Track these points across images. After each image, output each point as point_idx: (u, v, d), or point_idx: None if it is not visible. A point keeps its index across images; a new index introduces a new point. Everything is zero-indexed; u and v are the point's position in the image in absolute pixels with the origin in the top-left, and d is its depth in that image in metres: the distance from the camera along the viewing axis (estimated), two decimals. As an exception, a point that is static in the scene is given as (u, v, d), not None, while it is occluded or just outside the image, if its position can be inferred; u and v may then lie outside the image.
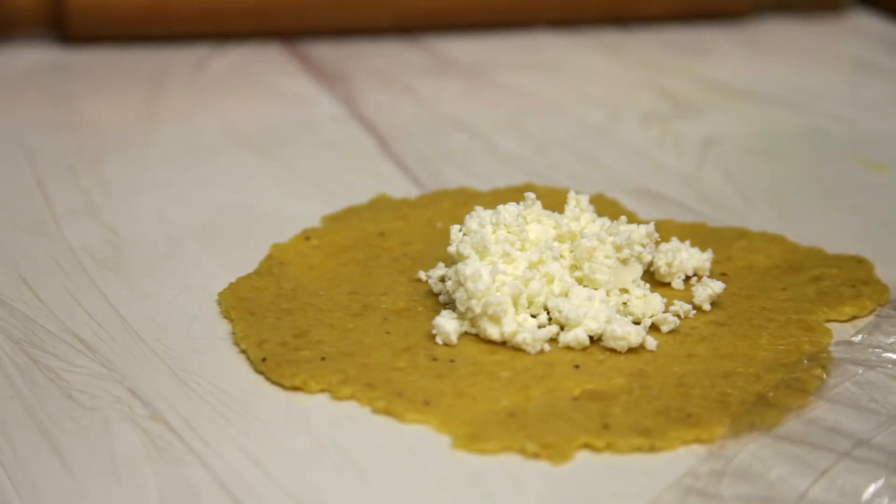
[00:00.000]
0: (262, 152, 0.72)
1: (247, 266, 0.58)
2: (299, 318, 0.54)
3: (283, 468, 0.46)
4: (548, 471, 0.46)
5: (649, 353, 0.52)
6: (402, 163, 0.71)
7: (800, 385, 0.50)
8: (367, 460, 0.46)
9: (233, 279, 0.57)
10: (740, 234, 0.62)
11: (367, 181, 0.68)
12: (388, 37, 0.89)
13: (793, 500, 0.45)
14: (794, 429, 0.48)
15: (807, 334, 0.53)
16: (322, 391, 0.50)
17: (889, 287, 0.57)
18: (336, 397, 0.50)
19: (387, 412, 0.49)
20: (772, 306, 0.55)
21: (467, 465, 0.46)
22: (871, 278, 0.58)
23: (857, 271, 0.58)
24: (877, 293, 0.57)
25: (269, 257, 0.59)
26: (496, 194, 0.65)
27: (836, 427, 0.48)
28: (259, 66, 0.85)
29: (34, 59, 0.84)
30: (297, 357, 0.51)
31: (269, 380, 0.51)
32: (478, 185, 0.67)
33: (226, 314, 0.55)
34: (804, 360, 0.51)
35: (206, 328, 0.54)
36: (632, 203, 0.65)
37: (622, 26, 0.92)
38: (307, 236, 0.61)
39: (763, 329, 0.54)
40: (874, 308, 0.56)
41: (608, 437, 0.47)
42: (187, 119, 0.77)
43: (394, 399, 0.49)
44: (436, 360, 0.51)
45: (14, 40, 0.86)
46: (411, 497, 0.45)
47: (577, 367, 0.51)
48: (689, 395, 0.49)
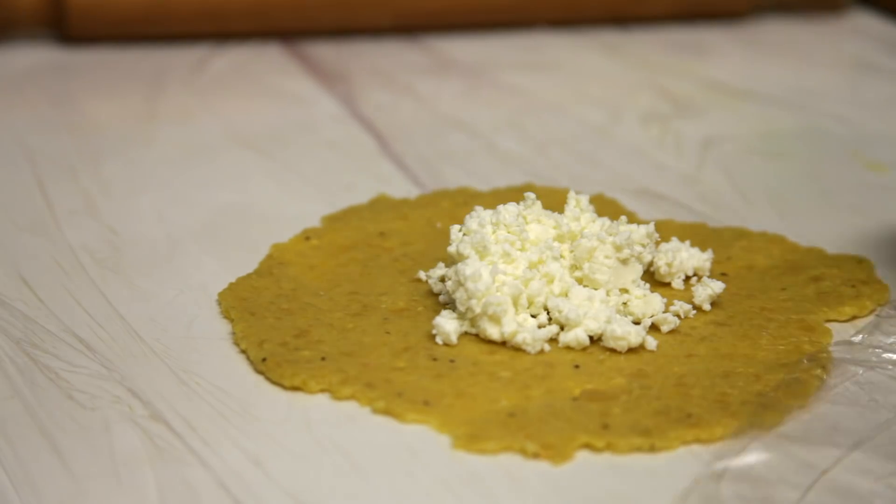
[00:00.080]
0: (262, 152, 0.72)
1: (247, 266, 0.58)
2: (299, 318, 0.54)
3: (283, 468, 0.46)
4: (548, 471, 0.46)
5: (649, 353, 0.52)
6: (402, 163, 0.71)
7: (800, 385, 0.50)
8: (367, 460, 0.46)
9: (233, 279, 0.57)
10: (740, 234, 0.62)
11: (367, 181, 0.68)
12: (388, 37, 0.89)
13: (793, 501, 0.45)
14: (794, 429, 0.48)
15: (807, 334, 0.53)
16: (322, 391, 0.50)
17: (889, 287, 0.57)
18: (336, 397, 0.50)
19: (387, 412, 0.49)
20: (772, 306, 0.55)
21: (467, 465, 0.46)
22: (871, 278, 0.58)
23: (857, 271, 0.58)
24: (877, 293, 0.56)
25: (269, 257, 0.59)
26: (496, 194, 0.65)
27: (836, 427, 0.48)
28: (259, 66, 0.85)
29: (34, 59, 0.84)
30: (297, 357, 0.51)
31: (269, 380, 0.51)
32: (478, 185, 0.67)
33: (226, 314, 0.55)
34: (804, 359, 0.51)
35: (206, 328, 0.54)
36: (632, 203, 0.65)
37: (622, 26, 0.91)
38: (307, 236, 0.61)
39: (763, 329, 0.54)
40: (874, 308, 0.56)
41: (608, 437, 0.47)
42: (187, 119, 0.77)
43: (394, 399, 0.49)
44: (436, 360, 0.51)
45: (14, 40, 0.85)
46: (411, 497, 0.45)
47: (577, 367, 0.51)
48: (689, 395, 0.49)
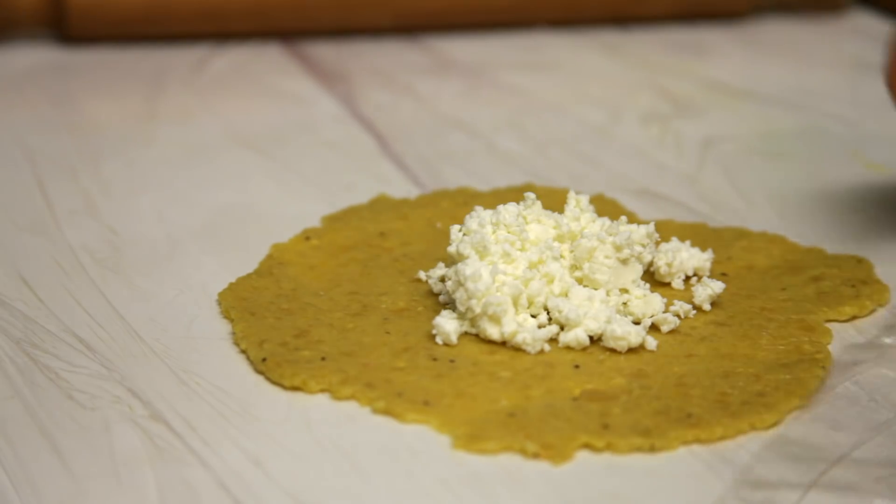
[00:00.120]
0: (262, 152, 0.72)
1: (247, 266, 0.58)
2: (299, 318, 0.54)
3: (283, 468, 0.46)
4: (548, 471, 0.46)
5: (649, 353, 0.52)
6: (402, 163, 0.71)
7: (800, 385, 0.50)
8: (367, 460, 0.46)
9: (233, 279, 0.57)
10: (740, 234, 0.62)
11: (367, 181, 0.68)
12: (388, 37, 0.89)
13: (793, 501, 0.45)
14: (794, 429, 0.48)
15: (807, 334, 0.53)
16: (322, 391, 0.50)
17: (889, 287, 0.57)
18: (336, 397, 0.50)
19: (387, 412, 0.49)
20: (772, 306, 0.55)
21: (467, 465, 0.46)
22: (871, 278, 0.58)
23: (857, 271, 0.58)
24: (877, 293, 0.56)
25: (269, 257, 0.59)
26: (496, 194, 0.65)
27: (836, 427, 0.48)
28: (259, 66, 0.85)
29: (34, 59, 0.84)
30: (297, 357, 0.51)
31: (269, 380, 0.51)
32: (478, 185, 0.67)
33: (226, 314, 0.55)
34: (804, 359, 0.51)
35: (206, 328, 0.54)
36: (632, 203, 0.65)
37: (622, 26, 0.91)
38: (307, 236, 0.61)
39: (763, 329, 0.54)
40: (874, 308, 0.56)
41: (608, 437, 0.47)
42: (187, 119, 0.77)
43: (394, 399, 0.49)
44: (436, 360, 0.51)
45: (14, 40, 0.86)
46: (411, 497, 0.45)
47: (577, 367, 0.51)
48: (689, 395, 0.49)
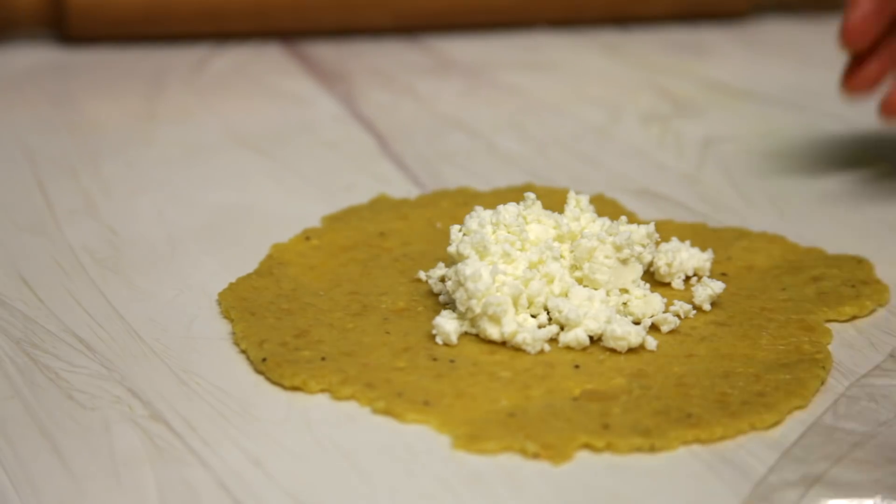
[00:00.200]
0: (262, 152, 0.72)
1: (247, 266, 0.58)
2: (299, 318, 0.54)
3: (283, 468, 0.46)
4: (548, 471, 0.46)
5: (649, 353, 0.52)
6: (402, 163, 0.71)
7: (800, 385, 0.50)
8: (367, 460, 0.46)
9: (233, 279, 0.57)
10: (740, 234, 0.62)
11: (367, 181, 0.68)
12: (388, 37, 0.89)
13: (793, 501, 0.45)
14: (794, 429, 0.48)
15: (807, 334, 0.53)
16: (322, 391, 0.50)
17: (889, 287, 0.57)
18: (336, 397, 0.50)
19: (387, 412, 0.49)
20: (772, 306, 0.55)
21: (467, 465, 0.46)
22: (871, 278, 0.58)
23: (857, 271, 0.58)
24: (877, 293, 0.56)
25: (269, 257, 0.59)
26: (496, 194, 0.65)
27: (837, 427, 0.48)
28: (259, 66, 0.85)
29: (34, 59, 0.84)
30: (297, 357, 0.51)
31: (269, 380, 0.51)
32: (478, 185, 0.67)
33: (226, 314, 0.55)
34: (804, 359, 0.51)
35: (206, 328, 0.54)
36: (632, 203, 0.65)
37: (622, 26, 0.91)
38: (307, 236, 0.61)
39: (763, 329, 0.54)
40: (874, 308, 0.56)
41: (608, 437, 0.47)
42: (187, 119, 0.77)
43: (394, 399, 0.49)
44: (436, 360, 0.51)
45: (14, 40, 0.86)
46: (411, 497, 0.45)
47: (577, 367, 0.51)
48: (689, 395, 0.49)
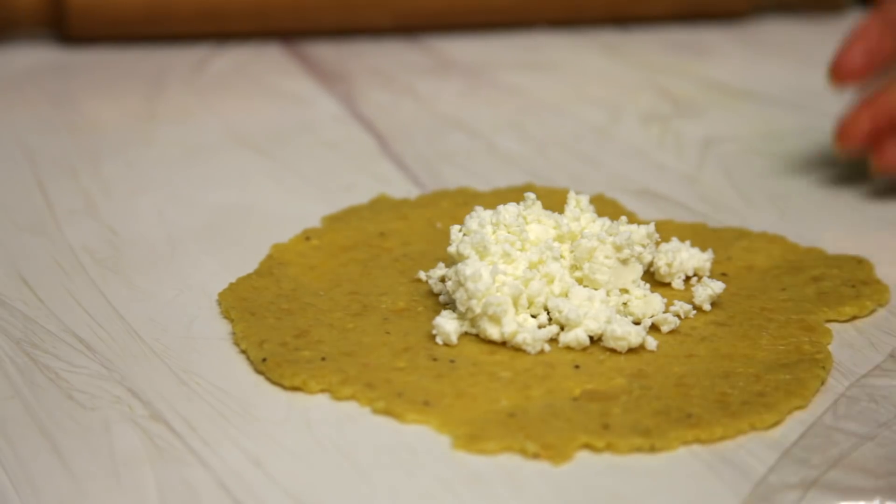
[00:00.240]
0: (262, 152, 0.72)
1: (247, 266, 0.58)
2: (299, 318, 0.54)
3: (283, 468, 0.46)
4: (548, 471, 0.46)
5: (649, 354, 0.52)
6: (402, 163, 0.71)
7: (800, 385, 0.50)
8: (367, 460, 0.46)
9: (233, 279, 0.57)
10: (740, 234, 0.62)
11: (367, 181, 0.68)
12: (388, 37, 0.89)
13: (793, 501, 0.45)
14: (794, 429, 0.48)
15: (807, 334, 0.53)
16: (322, 391, 0.50)
17: (889, 287, 0.57)
18: (336, 397, 0.50)
19: (387, 412, 0.49)
20: (772, 306, 0.55)
21: (467, 466, 0.46)
22: (871, 278, 0.58)
23: (857, 271, 0.58)
24: (877, 293, 0.56)
25: (270, 257, 0.59)
26: (496, 194, 0.65)
27: (837, 427, 0.48)
28: (259, 66, 0.85)
29: (34, 59, 0.84)
30: (297, 357, 0.51)
31: (269, 380, 0.51)
32: (478, 186, 0.67)
33: (226, 314, 0.55)
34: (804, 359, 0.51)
35: (206, 328, 0.54)
36: (632, 203, 0.65)
37: (622, 26, 0.91)
38: (307, 236, 0.61)
39: (763, 329, 0.54)
40: (874, 308, 0.56)
41: (608, 437, 0.47)
42: (187, 119, 0.77)
43: (394, 399, 0.49)
44: (436, 360, 0.51)
45: (14, 40, 0.86)
46: (411, 497, 0.45)
47: (577, 367, 0.51)
48: (689, 396, 0.49)
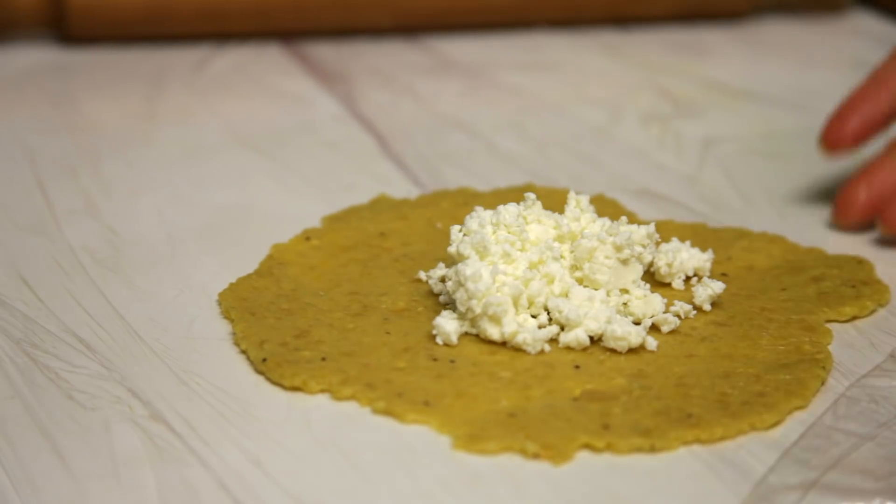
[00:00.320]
0: (262, 152, 0.72)
1: (247, 266, 0.58)
2: (299, 318, 0.54)
3: (283, 468, 0.46)
4: (548, 471, 0.46)
5: (649, 354, 0.52)
6: (402, 163, 0.71)
7: (800, 385, 0.50)
8: (367, 460, 0.46)
9: (233, 279, 0.57)
10: (740, 234, 0.62)
11: (367, 181, 0.68)
12: (388, 37, 0.89)
13: (793, 501, 0.45)
14: (794, 429, 0.48)
15: (807, 334, 0.53)
16: (322, 391, 0.50)
17: (889, 287, 0.57)
18: (336, 397, 0.50)
19: (387, 412, 0.49)
20: (772, 306, 0.55)
21: (467, 466, 0.46)
22: (872, 279, 0.58)
23: (857, 271, 0.58)
24: (877, 293, 0.56)
25: (270, 257, 0.59)
26: (496, 194, 0.65)
27: (837, 427, 0.48)
28: (259, 67, 0.85)
29: (34, 59, 0.84)
30: (297, 357, 0.51)
31: (269, 380, 0.51)
32: (478, 186, 0.67)
33: (226, 314, 0.55)
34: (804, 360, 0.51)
35: (206, 328, 0.54)
36: (632, 203, 0.65)
37: (622, 26, 0.91)
38: (307, 236, 0.61)
39: (763, 329, 0.54)
40: (875, 308, 0.56)
41: (608, 437, 0.47)
42: (187, 119, 0.77)
43: (394, 399, 0.49)
44: (436, 360, 0.51)
45: (14, 40, 0.85)
46: (411, 497, 0.45)
47: (577, 367, 0.51)
48: (689, 396, 0.49)
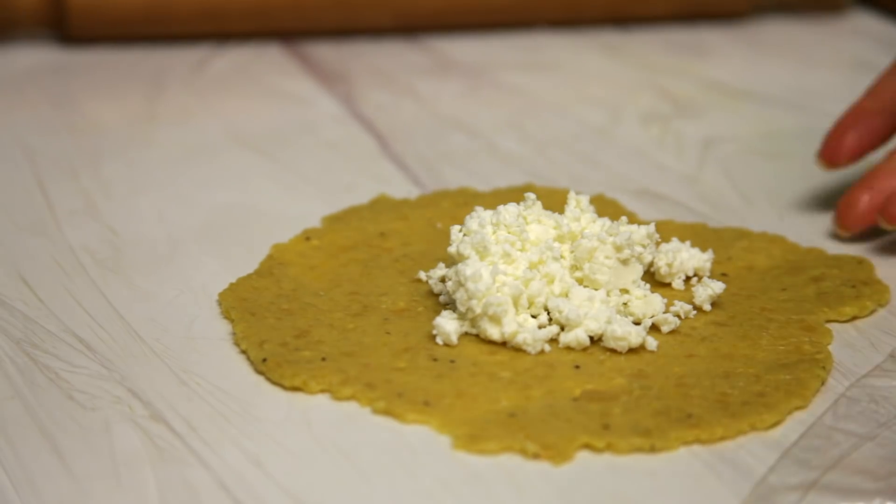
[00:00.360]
0: (262, 152, 0.72)
1: (247, 266, 0.58)
2: (300, 318, 0.54)
3: (283, 468, 0.46)
4: (548, 471, 0.46)
5: (649, 354, 0.52)
6: (402, 163, 0.71)
7: (800, 385, 0.50)
8: (367, 460, 0.46)
9: (233, 279, 0.57)
10: (740, 234, 0.62)
11: (367, 181, 0.68)
12: (388, 37, 0.89)
13: (793, 501, 0.45)
14: (794, 429, 0.48)
15: (807, 334, 0.53)
16: (322, 391, 0.50)
17: (889, 287, 0.57)
18: (336, 397, 0.50)
19: (387, 412, 0.49)
20: (772, 307, 0.55)
21: (467, 466, 0.46)
22: (872, 278, 0.58)
23: (857, 271, 0.58)
24: (877, 293, 0.56)
25: (270, 257, 0.59)
26: (496, 194, 0.65)
27: (837, 427, 0.48)
28: (259, 67, 0.85)
29: (34, 59, 0.84)
30: (297, 357, 0.51)
31: (269, 380, 0.51)
32: (478, 186, 0.67)
33: (226, 314, 0.55)
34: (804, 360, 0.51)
35: (206, 328, 0.54)
36: (632, 203, 0.65)
37: (622, 26, 0.91)
38: (307, 236, 0.61)
39: (763, 329, 0.54)
40: (874, 308, 0.56)
41: (608, 437, 0.47)
42: (187, 119, 0.77)
43: (394, 399, 0.49)
44: (436, 360, 0.51)
45: (14, 40, 0.85)
46: (411, 497, 0.45)
47: (577, 367, 0.51)
48: (689, 396, 0.49)
